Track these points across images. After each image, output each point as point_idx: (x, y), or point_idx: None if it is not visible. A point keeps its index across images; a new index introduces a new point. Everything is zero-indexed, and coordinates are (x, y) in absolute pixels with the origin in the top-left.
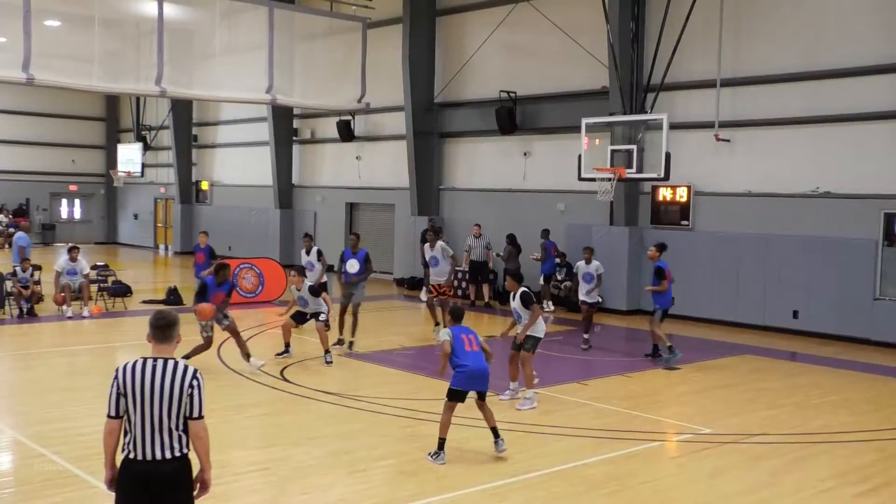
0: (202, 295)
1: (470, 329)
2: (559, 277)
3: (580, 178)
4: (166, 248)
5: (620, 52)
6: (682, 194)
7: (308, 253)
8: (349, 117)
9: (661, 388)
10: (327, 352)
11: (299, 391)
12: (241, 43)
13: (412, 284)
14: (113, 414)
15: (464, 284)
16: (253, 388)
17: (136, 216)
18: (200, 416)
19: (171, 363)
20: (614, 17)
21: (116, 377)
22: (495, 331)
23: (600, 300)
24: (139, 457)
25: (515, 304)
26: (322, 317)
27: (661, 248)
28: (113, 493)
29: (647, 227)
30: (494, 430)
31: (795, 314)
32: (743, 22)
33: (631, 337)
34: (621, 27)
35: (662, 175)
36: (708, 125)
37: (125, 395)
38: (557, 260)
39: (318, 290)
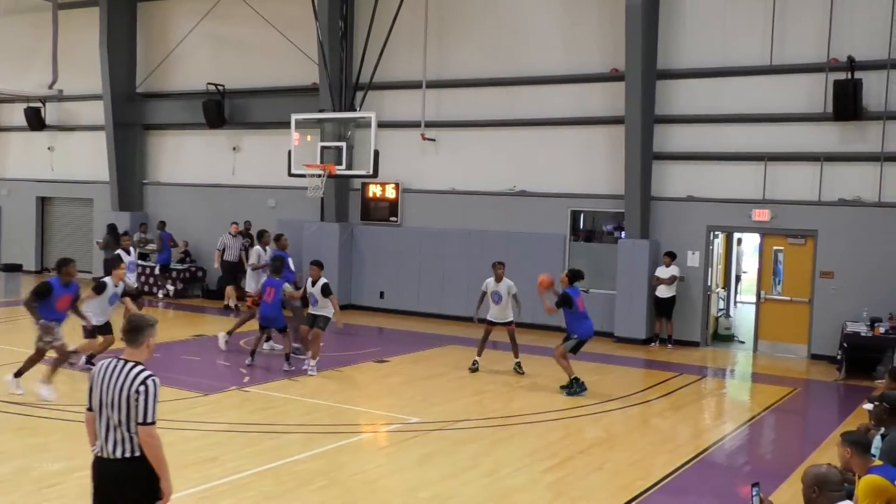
0: (44, 297)
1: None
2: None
3: (290, 174)
4: None
5: (330, 50)
6: (390, 191)
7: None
8: (39, 104)
9: (371, 381)
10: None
11: None
12: None
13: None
14: (88, 406)
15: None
16: None
17: None
18: (147, 423)
19: (129, 365)
20: (323, 15)
21: (92, 371)
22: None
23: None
24: (99, 452)
25: (315, 290)
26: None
27: (575, 276)
28: None
29: (358, 223)
30: None
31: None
32: (447, 28)
33: (341, 332)
34: (330, 25)
35: (371, 172)
36: (415, 125)
37: (91, 391)
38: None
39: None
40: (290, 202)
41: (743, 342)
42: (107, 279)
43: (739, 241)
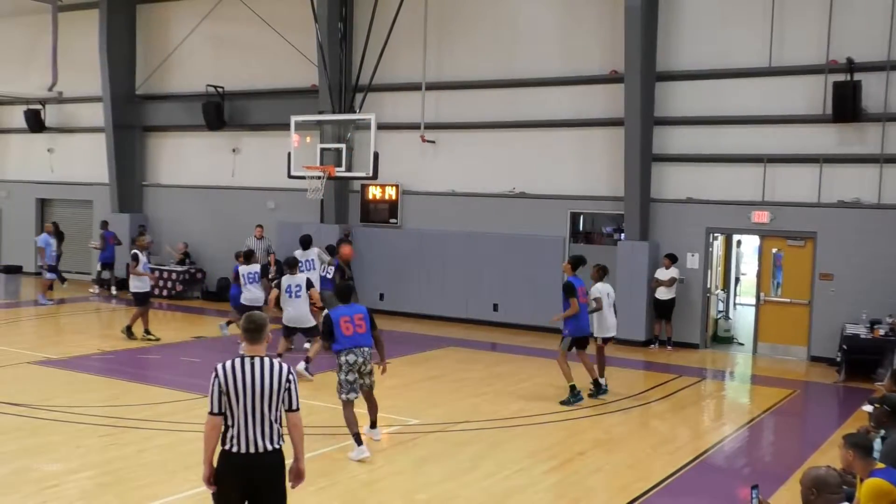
0: None
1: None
2: (270, 276)
3: (290, 176)
4: None
5: (329, 52)
6: (390, 193)
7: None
8: (39, 106)
9: None
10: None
11: None
12: None
13: (118, 285)
14: (216, 411)
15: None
16: None
17: None
18: (296, 409)
19: (266, 361)
20: (323, 17)
21: (217, 375)
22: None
23: None
24: (242, 450)
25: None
26: None
27: (577, 262)
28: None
29: (358, 224)
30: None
31: (496, 307)
32: (446, 30)
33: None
34: (330, 27)
35: (371, 174)
36: (414, 126)
37: (227, 393)
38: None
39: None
40: (290, 204)
41: (742, 344)
42: None
43: (739, 242)
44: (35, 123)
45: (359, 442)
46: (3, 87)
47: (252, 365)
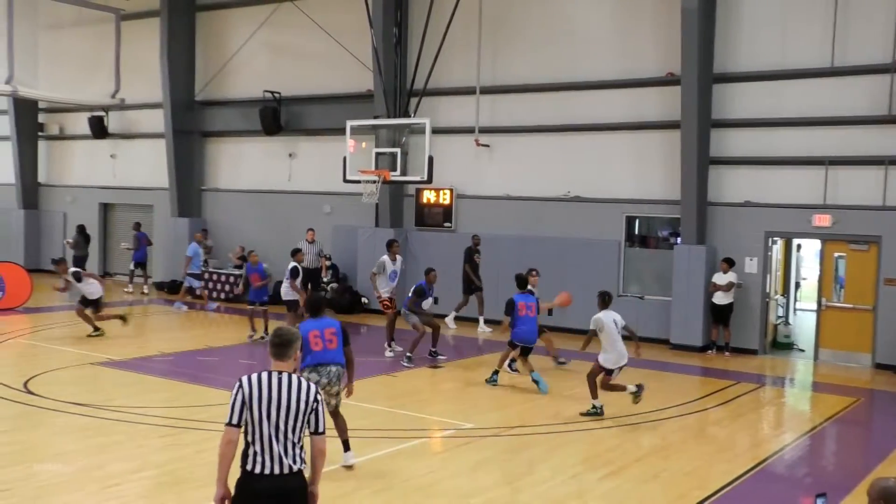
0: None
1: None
2: (325, 279)
3: (345, 180)
4: None
5: (384, 57)
6: (444, 197)
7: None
8: (102, 113)
9: (425, 386)
10: None
11: (46, 404)
12: None
13: (172, 288)
14: (235, 422)
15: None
16: None
17: None
18: (324, 431)
19: (294, 378)
20: (378, 22)
21: (241, 387)
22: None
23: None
24: (266, 471)
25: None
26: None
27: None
28: None
29: (412, 228)
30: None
31: (550, 311)
32: (500, 34)
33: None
34: (385, 32)
35: (426, 178)
36: (468, 130)
37: (250, 406)
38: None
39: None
40: (345, 208)
41: (803, 350)
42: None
43: (799, 247)
44: (99, 130)
45: (347, 448)
46: (69, 95)
47: (280, 381)
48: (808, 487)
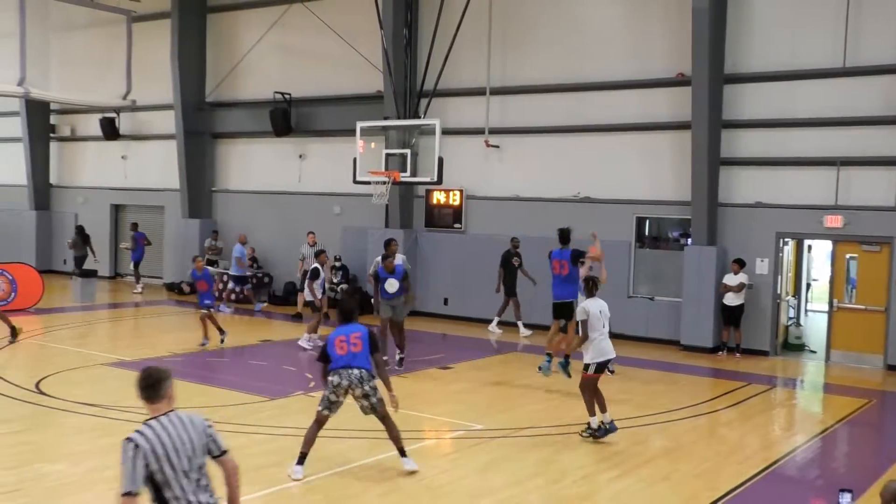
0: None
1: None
2: (335, 280)
3: (355, 181)
4: None
5: (394, 58)
6: (454, 198)
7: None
8: (114, 114)
9: (435, 387)
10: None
11: (57, 404)
12: None
13: (181, 290)
14: (136, 490)
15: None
16: (1, 403)
17: None
18: (227, 449)
19: (176, 416)
20: (388, 24)
21: (139, 447)
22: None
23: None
24: None
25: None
26: None
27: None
28: None
29: (422, 229)
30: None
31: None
32: (511, 35)
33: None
34: (395, 33)
35: (436, 179)
36: (478, 131)
37: (158, 462)
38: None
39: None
40: (355, 209)
41: (814, 352)
42: None
43: (810, 248)
44: (110, 131)
45: (300, 462)
46: (80, 97)
47: (172, 423)
48: (819, 489)
